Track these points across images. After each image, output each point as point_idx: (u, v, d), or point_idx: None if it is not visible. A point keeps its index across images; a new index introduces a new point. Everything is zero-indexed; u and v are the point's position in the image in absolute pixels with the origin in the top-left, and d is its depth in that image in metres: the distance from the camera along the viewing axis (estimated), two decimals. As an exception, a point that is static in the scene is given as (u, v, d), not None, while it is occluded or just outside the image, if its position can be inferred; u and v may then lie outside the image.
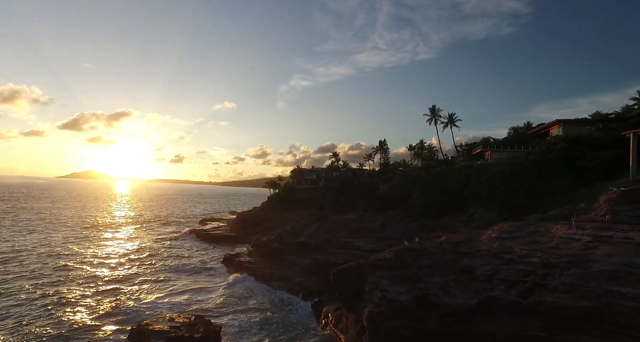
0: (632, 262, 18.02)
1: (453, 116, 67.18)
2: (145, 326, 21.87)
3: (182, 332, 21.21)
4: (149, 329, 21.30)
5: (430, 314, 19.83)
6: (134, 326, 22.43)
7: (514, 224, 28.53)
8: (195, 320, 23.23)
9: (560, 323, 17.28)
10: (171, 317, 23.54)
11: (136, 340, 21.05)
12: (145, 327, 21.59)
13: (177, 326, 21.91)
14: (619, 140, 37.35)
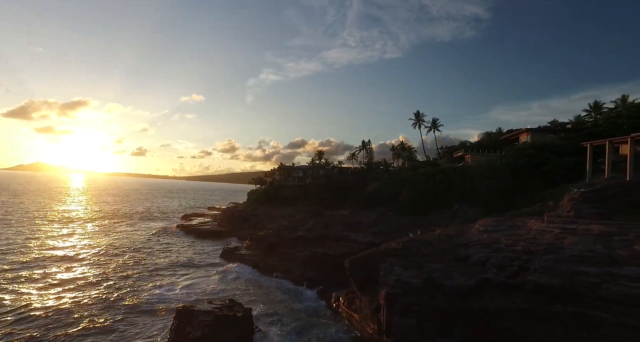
0: (592, 249, 23.06)
1: (436, 121, 73.08)
2: (190, 306, 24.28)
3: (225, 311, 23.87)
4: (195, 309, 23.77)
5: (436, 294, 23.91)
6: (179, 307, 24.74)
7: (496, 219, 33.58)
8: (230, 303, 25.94)
9: (540, 297, 21.88)
10: (209, 301, 26.06)
11: (183, 319, 23.41)
12: (191, 308, 24.02)
13: (218, 307, 24.53)
14: (577, 148, 43.90)
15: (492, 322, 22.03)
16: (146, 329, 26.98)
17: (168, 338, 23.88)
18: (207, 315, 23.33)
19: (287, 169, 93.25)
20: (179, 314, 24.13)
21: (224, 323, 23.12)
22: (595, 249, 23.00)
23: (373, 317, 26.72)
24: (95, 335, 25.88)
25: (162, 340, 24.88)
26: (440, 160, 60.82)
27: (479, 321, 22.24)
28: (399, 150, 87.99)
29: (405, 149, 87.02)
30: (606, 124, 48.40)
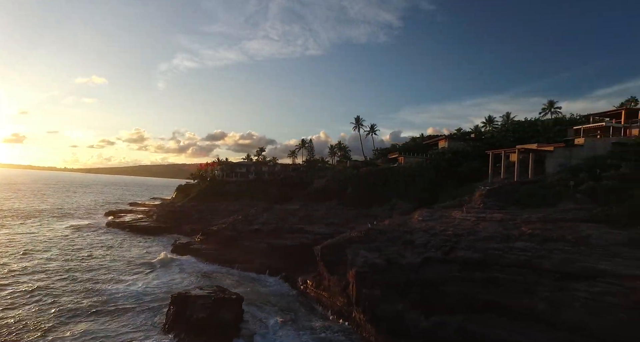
0: (496, 231, 32.31)
1: (374, 127, 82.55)
2: (185, 293, 26.36)
3: (220, 295, 26.64)
4: (191, 295, 25.99)
5: (394, 269, 30.66)
6: (174, 294, 26.53)
7: (428, 211, 42.25)
8: (219, 288, 28.63)
9: (465, 267, 30.13)
10: (200, 287, 28.32)
11: (180, 304, 25.51)
12: (186, 294, 26.15)
13: (211, 292, 27.10)
14: (481, 154, 56.17)
15: (434, 288, 29.57)
16: (132, 321, 27.80)
17: (165, 322, 25.65)
18: (205, 299, 25.84)
19: (230, 165, 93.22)
20: (175, 300, 26.04)
21: (222, 304, 25.95)
22: (498, 231, 32.31)
23: (342, 293, 32.38)
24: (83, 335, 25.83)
25: (158, 324, 26.36)
26: (377, 161, 69.92)
27: (426, 287, 29.58)
28: (336, 149, 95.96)
29: (342, 148, 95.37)
30: (499, 135, 62.32)
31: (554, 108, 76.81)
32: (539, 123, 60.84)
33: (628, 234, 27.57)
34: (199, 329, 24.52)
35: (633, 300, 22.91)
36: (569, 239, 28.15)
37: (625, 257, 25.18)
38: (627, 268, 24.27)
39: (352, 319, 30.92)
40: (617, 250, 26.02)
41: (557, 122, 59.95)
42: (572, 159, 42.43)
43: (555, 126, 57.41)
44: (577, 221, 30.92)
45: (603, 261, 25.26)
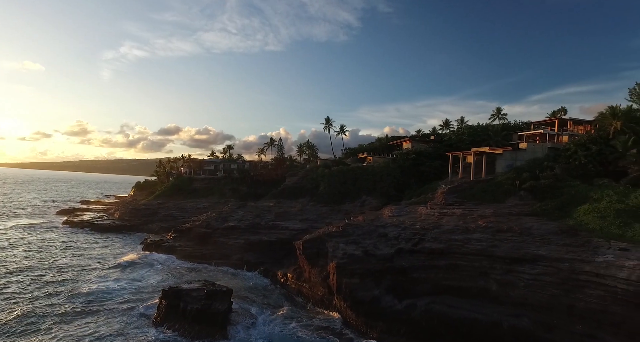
0: (457, 224, 36.94)
1: (343, 127, 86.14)
2: (176, 287, 27.41)
3: (211, 288, 28.05)
4: (183, 288, 27.13)
5: (371, 260, 34.00)
6: (165, 289, 27.45)
7: (397, 207, 46.35)
8: (207, 282, 29.95)
9: (432, 256, 34.26)
10: (189, 282, 29.40)
11: (173, 298, 26.59)
12: (177, 288, 27.23)
13: (201, 285, 28.39)
14: (441, 155, 61.75)
15: (406, 275, 33.36)
16: (121, 318, 28.16)
17: (157, 315, 26.54)
18: (199, 291, 27.14)
19: (198, 162, 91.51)
20: (166, 294, 27.01)
21: (215, 296, 27.37)
22: (459, 224, 36.98)
23: (323, 283, 35.14)
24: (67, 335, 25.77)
25: (149, 318, 27.05)
26: (347, 160, 73.39)
27: (398, 274, 33.28)
28: (304, 148, 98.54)
29: (310, 147, 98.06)
30: (456, 138, 68.54)
31: (501, 114, 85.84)
32: (489, 128, 68.10)
33: (559, 224, 33.31)
34: (193, 319, 25.85)
35: (561, 277, 28.24)
36: (515, 230, 33.33)
37: (557, 244, 30.61)
38: (558, 253, 29.62)
39: (332, 306, 33.81)
40: (551, 238, 31.46)
41: (504, 128, 67.58)
42: (517, 160, 48.81)
43: (503, 131, 64.76)
44: (521, 214, 36.42)
45: (541, 248, 30.50)
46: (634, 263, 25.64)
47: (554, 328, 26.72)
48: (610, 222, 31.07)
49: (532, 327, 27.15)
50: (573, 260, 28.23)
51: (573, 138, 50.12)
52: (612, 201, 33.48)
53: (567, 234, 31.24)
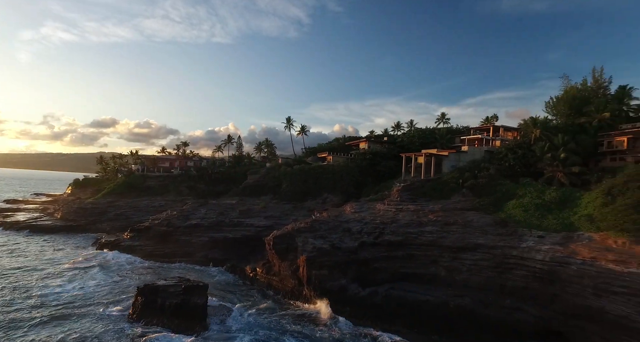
0: (412, 219, 41.52)
1: (304, 127, 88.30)
2: (152, 284, 27.79)
3: (188, 283, 28.84)
4: (160, 285, 27.64)
5: (338, 253, 37.10)
6: (140, 286, 27.66)
7: (357, 203, 50.09)
8: (181, 278, 30.59)
9: (390, 248, 38.34)
10: (164, 279, 29.78)
11: (149, 294, 27.02)
12: (154, 285, 27.66)
13: (177, 282, 29.03)
14: (395, 155, 67.09)
15: (368, 265, 37.01)
16: (95, 318, 27.63)
17: (132, 313, 26.74)
18: (176, 287, 27.76)
19: (151, 159, 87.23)
20: (142, 291, 27.27)
21: (193, 291, 28.17)
22: (413, 219, 41.63)
23: (293, 276, 37.46)
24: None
25: (123, 315, 27.02)
26: (308, 159, 75.79)
27: (362, 265, 36.81)
28: (263, 147, 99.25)
29: (269, 145, 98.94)
30: (407, 140, 74.64)
31: (445, 119, 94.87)
32: (436, 131, 75.29)
33: (493, 217, 39.30)
34: (172, 314, 26.55)
35: (495, 262, 33.87)
36: (460, 223, 38.68)
37: (492, 234, 36.36)
38: (492, 241, 35.31)
39: (303, 296, 36.30)
40: (487, 229, 37.19)
41: (449, 132, 75.17)
42: (460, 162, 55.33)
43: (448, 135, 72.13)
44: (464, 209, 42.06)
45: (480, 237, 36.02)
46: (547, 247, 31.87)
47: (489, 304, 32.13)
48: (531, 215, 37.58)
49: (472, 305, 32.32)
50: (504, 247, 34.01)
51: (504, 143, 58.09)
52: (532, 197, 40.24)
53: (500, 225, 37.15)
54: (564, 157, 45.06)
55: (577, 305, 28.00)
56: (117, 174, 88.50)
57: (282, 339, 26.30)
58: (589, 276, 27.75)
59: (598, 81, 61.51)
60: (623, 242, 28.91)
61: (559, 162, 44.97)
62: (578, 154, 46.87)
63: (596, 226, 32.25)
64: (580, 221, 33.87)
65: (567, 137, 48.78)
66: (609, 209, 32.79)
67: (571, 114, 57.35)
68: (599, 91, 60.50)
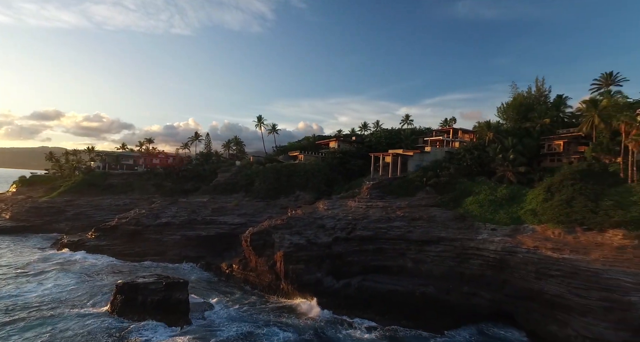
0: (381, 215, 44.51)
1: (275, 126, 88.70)
2: (131, 282, 27.90)
3: (169, 280, 29.23)
4: (140, 282, 27.84)
5: (313, 248, 39.03)
6: (119, 284, 27.66)
7: (330, 201, 52.32)
8: (159, 276, 30.85)
9: (362, 242, 40.97)
10: (143, 277, 29.86)
11: (129, 292, 27.19)
12: (133, 282, 27.80)
13: (156, 279, 29.30)
14: (364, 154, 70.27)
15: (342, 259, 39.35)
16: (76, 317, 27.09)
17: (111, 310, 26.74)
18: (157, 284, 28.04)
19: (114, 156, 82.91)
20: (122, 289, 27.33)
21: (174, 287, 28.57)
22: (382, 215, 44.66)
23: (270, 271, 38.83)
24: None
25: (106, 312, 26.82)
26: (279, 157, 76.60)
27: (336, 259, 39.07)
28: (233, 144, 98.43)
29: (238, 143, 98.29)
30: (375, 140, 78.26)
31: (409, 120, 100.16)
32: (401, 132, 79.64)
33: (453, 213, 43.35)
34: (155, 310, 26.92)
35: (456, 253, 37.71)
36: (424, 218, 42.26)
37: (453, 228, 40.27)
38: (453, 234, 39.17)
39: (280, 289, 37.83)
40: (449, 223, 41.07)
41: (413, 133, 79.82)
42: (424, 161, 59.53)
43: (412, 135, 76.67)
44: (428, 206, 45.82)
45: (443, 231, 39.76)
46: (499, 239, 36.17)
47: (450, 291, 35.79)
48: (486, 210, 42.02)
49: (436, 292, 35.80)
50: (463, 239, 37.94)
51: (462, 144, 63.30)
52: (487, 194, 44.85)
53: (459, 220, 41.17)
54: (513, 158, 50.50)
55: (523, 288, 32.34)
56: (75, 172, 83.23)
57: (267, 330, 27.73)
58: (532, 262, 32.15)
59: (540, 90, 68.95)
60: (559, 232, 33.75)
61: (508, 162, 50.31)
62: (524, 155, 52.66)
63: (538, 219, 37.08)
64: (526, 215, 38.64)
65: (515, 140, 54.53)
66: (548, 204, 37.82)
67: (518, 119, 63.83)
68: (541, 99, 67.84)
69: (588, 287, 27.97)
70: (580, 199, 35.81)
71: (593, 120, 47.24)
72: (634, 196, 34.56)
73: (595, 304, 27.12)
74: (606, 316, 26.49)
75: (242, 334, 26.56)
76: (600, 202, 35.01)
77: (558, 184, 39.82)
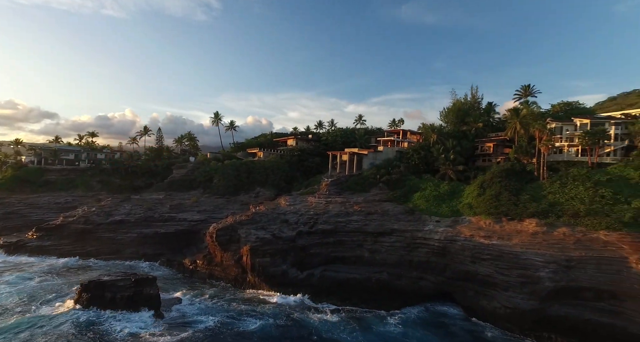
0: (340, 210, 47.96)
1: (233, 123, 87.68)
2: (97, 280, 27.67)
3: (137, 276, 29.38)
4: (106, 280, 27.74)
5: (278, 242, 41.13)
6: (83, 282, 27.26)
7: (290, 197, 54.60)
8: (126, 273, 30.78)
9: (323, 235, 44.02)
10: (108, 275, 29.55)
11: (96, 290, 27.05)
12: (100, 280, 27.63)
13: (124, 276, 29.27)
14: (320, 152, 73.44)
15: (305, 251, 42.02)
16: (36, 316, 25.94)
17: (79, 305, 26.36)
18: (125, 281, 28.04)
19: (52, 151, 75.26)
20: (87, 287, 26.96)
21: (144, 283, 28.73)
22: (341, 210, 48.17)
23: (237, 265, 40.16)
24: None
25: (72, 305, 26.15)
26: (238, 154, 76.30)
27: (300, 251, 41.63)
28: (186, 140, 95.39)
29: (192, 139, 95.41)
30: (331, 139, 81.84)
31: (362, 120, 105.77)
32: (355, 131, 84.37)
33: (404, 207, 48.35)
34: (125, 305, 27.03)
35: (406, 243, 42.50)
36: (379, 212, 46.59)
37: (404, 221, 45.08)
38: (404, 226, 43.95)
39: (247, 282, 39.40)
40: (400, 217, 45.85)
41: (366, 132, 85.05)
42: (377, 160, 64.41)
43: (365, 135, 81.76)
44: (382, 201, 50.33)
45: (395, 223, 44.34)
46: (442, 229, 41.60)
47: (401, 277, 40.42)
48: (431, 204, 47.55)
49: (389, 278, 40.19)
50: (412, 230, 42.83)
51: (410, 144, 69.50)
52: (431, 190, 50.55)
53: (409, 213, 46.13)
54: (453, 158, 57.21)
55: (461, 270, 37.91)
56: (2, 167, 74.20)
57: (241, 318, 29.38)
58: (468, 248, 37.81)
59: (475, 97, 77.94)
60: (489, 222, 39.99)
61: (449, 162, 56.88)
62: (462, 155, 59.80)
63: (473, 211, 43.24)
64: (464, 208, 44.71)
65: (455, 142, 61.58)
66: (481, 198, 44.21)
67: (457, 122, 71.71)
68: (475, 105, 76.76)
69: (510, 267, 34.02)
70: (505, 194, 42.56)
71: (516, 126, 55.41)
72: (544, 191, 42.06)
73: (515, 280, 33.19)
74: (522, 289, 32.63)
75: (218, 323, 27.95)
76: (520, 196, 42.00)
77: (489, 181, 46.52)
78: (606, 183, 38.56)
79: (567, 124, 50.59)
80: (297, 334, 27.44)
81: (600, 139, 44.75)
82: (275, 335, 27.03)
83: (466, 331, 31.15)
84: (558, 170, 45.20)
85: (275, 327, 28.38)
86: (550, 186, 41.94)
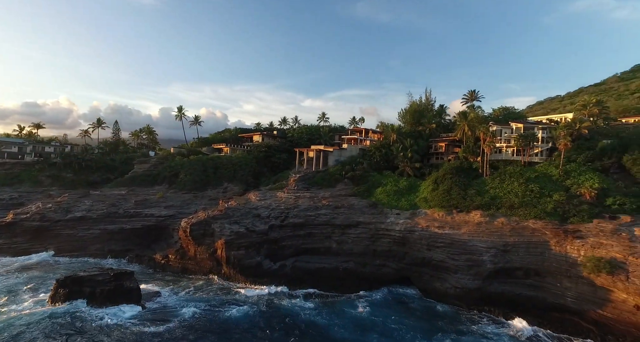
0: (309, 204, 50.72)
1: (198, 118, 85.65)
2: (74, 275, 27.71)
3: (116, 271, 29.71)
4: (84, 275, 27.90)
5: (252, 235, 42.92)
6: (60, 278, 27.13)
7: (260, 192, 56.18)
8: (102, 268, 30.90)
9: (294, 228, 46.54)
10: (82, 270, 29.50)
11: (73, 284, 27.17)
12: (77, 275, 27.72)
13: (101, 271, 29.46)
14: (287, 149, 75.37)
15: (277, 244, 44.28)
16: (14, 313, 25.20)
17: (52, 302, 26.29)
18: (104, 275, 28.24)
19: None
20: (64, 283, 26.86)
21: (123, 276, 29.07)
22: (310, 204, 51.00)
23: (211, 258, 41.30)
24: None
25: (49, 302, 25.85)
26: (203, 149, 75.17)
27: (272, 244, 43.80)
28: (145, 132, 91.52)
29: (150, 132, 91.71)
30: (297, 136, 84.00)
31: (325, 118, 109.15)
32: (320, 129, 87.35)
33: (367, 201, 52.37)
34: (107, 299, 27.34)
35: (371, 234, 46.54)
36: (345, 206, 50.09)
37: (368, 214, 49.04)
38: (368, 219, 47.93)
39: (222, 275, 40.74)
40: (365, 210, 49.78)
41: (330, 130, 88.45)
42: (342, 156, 68.00)
43: (330, 133, 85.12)
44: (347, 196, 53.92)
45: (360, 217, 48.15)
46: (402, 221, 46.19)
47: (366, 265, 44.41)
48: (392, 198, 52.10)
49: (355, 266, 43.98)
50: (376, 222, 46.94)
51: (372, 143, 74.11)
52: (392, 185, 55.18)
53: (372, 207, 50.22)
54: (411, 156, 62.50)
55: (418, 257, 42.71)
56: None
57: (223, 307, 31.00)
58: (425, 237, 42.70)
59: (429, 99, 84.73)
60: (442, 214, 45.28)
61: (407, 159, 62.08)
62: (419, 153, 65.40)
63: (429, 204, 48.40)
64: (420, 202, 49.76)
65: (412, 141, 67.07)
66: (435, 193, 49.53)
67: (414, 123, 77.72)
68: (429, 107, 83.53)
69: (459, 253, 39.33)
70: (455, 189, 48.22)
71: (464, 128, 62.02)
72: (487, 186, 48.39)
73: (463, 264, 38.54)
74: (468, 271, 38.06)
75: (202, 312, 29.37)
76: (467, 191, 47.87)
77: (441, 177, 52.07)
78: (535, 179, 45.52)
79: (505, 127, 57.83)
80: (277, 319, 29.86)
81: (530, 141, 52.19)
82: (257, 320, 29.21)
83: (422, 308, 35.81)
84: (498, 168, 51.90)
85: (256, 313, 30.55)
86: (492, 181, 48.28)
